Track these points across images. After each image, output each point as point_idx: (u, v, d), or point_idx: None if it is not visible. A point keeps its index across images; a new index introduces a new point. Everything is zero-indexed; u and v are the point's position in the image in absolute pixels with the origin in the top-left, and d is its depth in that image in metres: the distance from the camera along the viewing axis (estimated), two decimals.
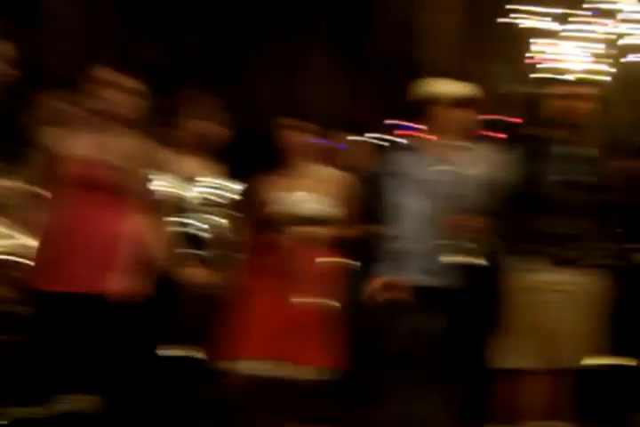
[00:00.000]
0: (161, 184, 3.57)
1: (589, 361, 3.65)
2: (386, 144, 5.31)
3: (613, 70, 6.30)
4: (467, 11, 7.11)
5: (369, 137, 4.67)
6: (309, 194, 3.72)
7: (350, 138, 4.39)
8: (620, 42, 6.35)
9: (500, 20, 6.74)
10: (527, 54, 6.61)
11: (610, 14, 6.41)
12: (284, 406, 3.64)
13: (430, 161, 3.68)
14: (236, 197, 3.77)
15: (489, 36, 6.96)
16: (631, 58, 6.20)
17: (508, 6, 6.69)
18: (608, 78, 6.26)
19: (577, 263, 3.60)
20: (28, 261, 3.28)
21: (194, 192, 3.68)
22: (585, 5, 6.45)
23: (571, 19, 6.50)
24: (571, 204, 3.60)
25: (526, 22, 6.62)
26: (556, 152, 3.66)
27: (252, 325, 3.61)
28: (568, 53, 6.45)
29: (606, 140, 3.89)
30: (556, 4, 6.54)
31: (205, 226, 3.67)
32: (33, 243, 3.30)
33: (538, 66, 6.51)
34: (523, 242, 3.60)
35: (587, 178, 3.62)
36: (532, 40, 6.62)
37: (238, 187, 3.79)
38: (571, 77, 3.93)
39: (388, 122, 6.30)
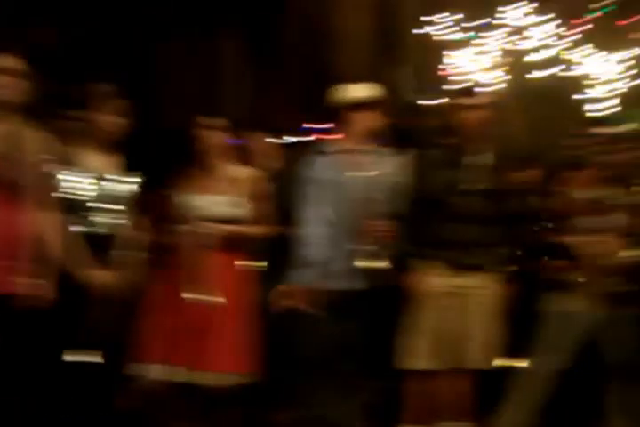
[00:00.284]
0: (64, 180, 3.44)
1: (491, 362, 3.76)
2: (300, 146, 5.33)
3: (516, 83, 6.52)
4: (380, 18, 7.22)
5: (282, 138, 4.68)
6: (221, 194, 3.69)
7: (262, 138, 4.39)
8: (524, 57, 6.57)
9: (413, 29, 6.87)
10: (436, 64, 6.76)
11: (516, 30, 6.63)
12: (195, 412, 3.60)
13: (343, 165, 3.74)
14: (143, 194, 3.65)
15: (401, 44, 7.09)
16: (533, 72, 6.43)
17: (421, 17, 6.83)
18: (509, 91, 6.47)
19: (478, 268, 3.72)
20: None
21: (98, 189, 3.53)
22: (494, 20, 6.65)
23: (479, 32, 6.68)
24: (472, 211, 3.71)
25: (438, 33, 6.77)
26: (458, 161, 3.76)
27: (159, 327, 3.55)
28: (474, 65, 6.63)
29: (505, 149, 4.03)
30: (466, 17, 6.71)
31: (109, 225, 3.53)
32: None
33: (446, 76, 6.67)
34: (427, 247, 3.70)
35: (487, 186, 3.74)
36: (442, 50, 6.77)
37: (145, 184, 3.67)
38: (475, 88, 4.05)
39: (302, 125, 6.34)
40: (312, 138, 5.93)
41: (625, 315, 3.72)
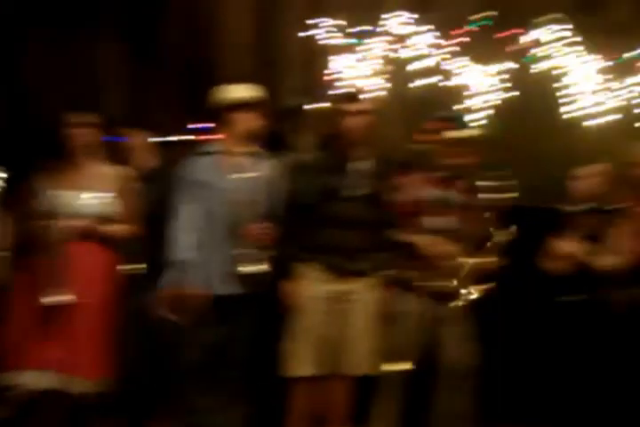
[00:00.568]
0: None
1: (373, 367, 3.78)
2: (179, 146, 5.27)
3: (396, 91, 6.64)
4: (263, 20, 7.22)
5: (161, 137, 4.61)
6: (88, 191, 3.61)
7: (140, 136, 4.32)
8: (405, 65, 6.70)
9: (297, 32, 6.90)
10: (319, 68, 6.81)
11: (398, 38, 6.75)
12: (66, 420, 3.49)
13: (223, 166, 3.70)
14: (8, 191, 3.54)
15: (283, 46, 7.11)
16: (413, 81, 6.56)
17: (306, 20, 6.86)
18: (390, 98, 6.59)
19: (359, 273, 3.76)
20: None
21: None
22: (376, 28, 6.75)
23: (362, 38, 6.77)
24: (353, 217, 3.74)
25: (322, 37, 6.82)
26: (340, 166, 3.79)
27: (26, 332, 3.44)
28: (356, 71, 6.71)
29: (386, 156, 4.08)
30: (350, 23, 6.78)
31: None
32: None
33: (329, 80, 6.72)
34: (308, 252, 3.70)
35: (368, 192, 3.78)
36: (325, 55, 6.83)
37: (11, 180, 3.56)
38: (358, 95, 4.08)
39: (183, 124, 6.26)
40: (192, 138, 5.85)
41: (459, 315, 3.79)
